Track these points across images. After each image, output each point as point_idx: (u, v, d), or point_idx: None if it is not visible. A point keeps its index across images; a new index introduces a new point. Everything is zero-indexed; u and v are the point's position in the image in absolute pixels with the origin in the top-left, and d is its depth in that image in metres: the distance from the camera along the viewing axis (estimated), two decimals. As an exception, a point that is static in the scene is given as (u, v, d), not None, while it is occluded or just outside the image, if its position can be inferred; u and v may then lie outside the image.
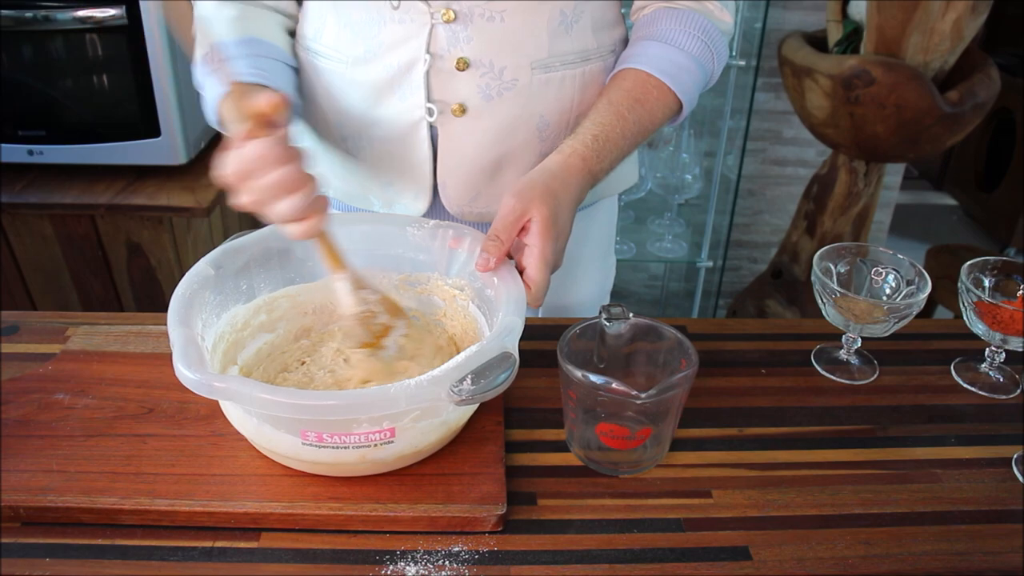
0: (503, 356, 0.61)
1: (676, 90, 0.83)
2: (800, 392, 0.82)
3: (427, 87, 0.82)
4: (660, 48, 0.83)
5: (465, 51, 0.81)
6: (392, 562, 0.62)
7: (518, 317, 0.67)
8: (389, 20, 0.81)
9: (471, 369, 0.60)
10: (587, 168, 0.78)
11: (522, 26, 0.81)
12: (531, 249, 0.72)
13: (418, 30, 0.80)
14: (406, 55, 0.82)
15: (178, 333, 0.64)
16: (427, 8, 0.79)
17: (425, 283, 0.82)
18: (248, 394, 0.58)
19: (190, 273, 0.72)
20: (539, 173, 0.76)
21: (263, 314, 0.78)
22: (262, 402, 0.58)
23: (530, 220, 0.72)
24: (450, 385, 0.59)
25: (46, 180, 1.63)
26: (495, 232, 0.72)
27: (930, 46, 1.58)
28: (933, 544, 0.65)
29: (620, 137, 0.80)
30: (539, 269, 0.72)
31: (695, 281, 2.23)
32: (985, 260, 0.84)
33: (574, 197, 0.76)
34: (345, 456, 0.64)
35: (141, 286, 1.68)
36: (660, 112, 0.83)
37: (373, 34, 0.82)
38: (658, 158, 2.01)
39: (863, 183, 1.80)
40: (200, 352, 0.63)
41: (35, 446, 0.70)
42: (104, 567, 0.61)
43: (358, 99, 0.86)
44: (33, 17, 1.46)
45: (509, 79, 0.82)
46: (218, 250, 0.75)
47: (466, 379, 0.59)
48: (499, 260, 0.72)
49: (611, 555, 0.63)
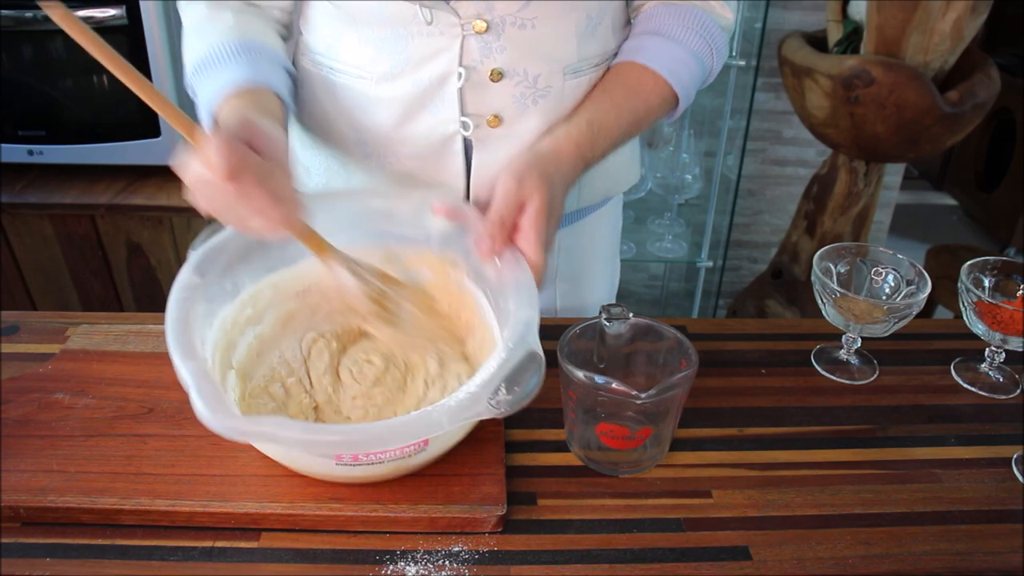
0: (530, 357, 0.61)
1: (672, 83, 0.83)
2: (800, 392, 0.82)
3: (461, 101, 0.81)
4: (658, 42, 0.83)
5: (498, 61, 0.80)
6: (392, 562, 0.62)
7: (533, 309, 0.65)
8: (417, 34, 0.79)
9: (503, 377, 0.59)
10: (579, 153, 0.78)
11: (553, 32, 0.80)
12: (527, 232, 0.71)
13: (449, 43, 0.79)
14: (437, 69, 0.80)
15: (188, 369, 0.59)
16: (458, 20, 0.77)
17: (412, 255, 0.80)
18: (286, 436, 0.57)
19: (177, 287, 0.67)
20: (532, 155, 0.75)
21: (248, 308, 0.76)
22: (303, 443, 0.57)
23: (527, 202, 0.71)
24: (487, 399, 0.58)
25: (46, 180, 1.63)
26: (499, 216, 0.70)
27: (930, 46, 1.58)
28: (933, 544, 0.65)
29: (614, 125, 0.80)
30: (538, 252, 0.70)
31: (695, 281, 2.23)
32: (985, 260, 0.84)
33: (567, 180, 0.76)
34: (379, 470, 0.64)
35: (141, 286, 1.68)
36: (656, 104, 0.83)
37: (399, 49, 0.80)
38: (658, 158, 2.01)
39: (863, 183, 1.80)
40: (215, 388, 0.59)
41: (35, 446, 0.70)
42: (104, 567, 0.61)
43: (386, 116, 0.84)
44: (33, 17, 1.46)
45: (543, 86, 0.82)
46: (199, 253, 0.71)
47: (500, 390, 0.59)
48: (504, 245, 0.71)
49: (611, 555, 0.63)
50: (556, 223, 0.74)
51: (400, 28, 0.79)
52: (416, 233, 0.79)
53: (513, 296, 0.67)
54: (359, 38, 0.82)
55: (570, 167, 0.77)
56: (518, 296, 0.67)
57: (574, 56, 0.82)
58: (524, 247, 0.71)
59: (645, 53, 0.83)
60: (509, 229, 0.71)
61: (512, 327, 0.64)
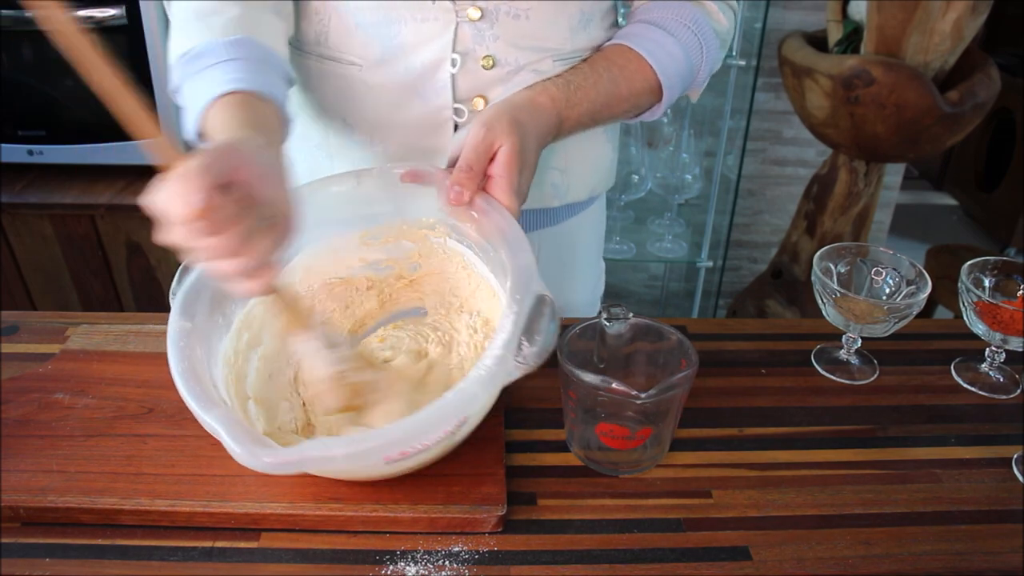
0: (539, 302, 0.60)
1: (656, 69, 0.82)
2: (800, 392, 0.82)
3: (453, 87, 0.81)
4: (648, 29, 0.84)
5: (491, 49, 0.80)
6: (392, 562, 0.62)
7: (527, 253, 0.64)
8: (410, 20, 0.78)
9: (521, 330, 0.59)
10: (555, 108, 0.76)
11: (546, 24, 0.80)
12: (499, 180, 0.69)
13: (442, 29, 0.78)
14: (430, 55, 0.80)
15: (213, 417, 0.56)
16: (452, 6, 0.77)
17: (388, 232, 0.79)
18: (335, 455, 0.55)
19: (172, 337, 0.63)
20: (505, 104, 0.74)
21: (245, 333, 0.73)
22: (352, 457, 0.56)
23: (498, 150, 0.70)
24: (513, 358, 0.58)
25: (46, 180, 1.63)
26: (467, 163, 0.68)
27: (930, 46, 1.58)
28: (933, 544, 0.65)
29: (592, 88, 0.79)
30: (511, 198, 0.69)
31: (695, 281, 2.23)
32: (985, 260, 0.84)
33: (540, 132, 0.74)
34: (427, 456, 0.64)
35: (141, 286, 1.68)
36: (638, 86, 0.82)
37: (391, 35, 0.79)
38: (658, 158, 2.01)
39: (863, 183, 1.80)
40: (247, 428, 0.57)
41: (35, 446, 0.70)
42: (104, 567, 0.61)
43: (376, 102, 0.83)
44: (33, 17, 1.46)
45: (532, 72, 0.82)
46: (179, 299, 0.66)
47: (522, 344, 0.58)
48: (474, 192, 0.69)
49: (611, 555, 0.63)
50: (530, 172, 0.73)
51: (392, 13, 0.78)
52: (387, 208, 0.78)
53: (503, 245, 0.66)
54: (350, 23, 0.81)
55: (545, 118, 0.75)
56: (508, 244, 0.66)
57: (566, 47, 0.83)
58: (496, 193, 0.69)
59: (634, 38, 0.83)
60: (479, 176, 0.69)
61: (513, 277, 0.63)
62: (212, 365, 0.66)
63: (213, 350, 0.67)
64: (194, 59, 0.70)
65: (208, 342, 0.67)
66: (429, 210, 0.76)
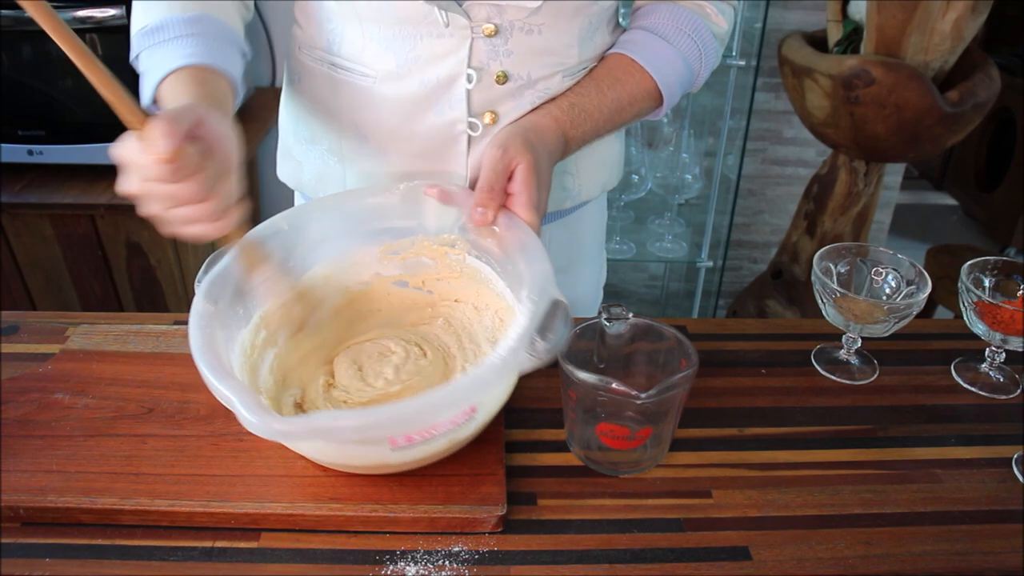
0: (555, 305, 0.63)
1: (657, 79, 0.84)
2: (800, 392, 0.82)
3: (468, 102, 0.82)
4: (648, 38, 0.85)
5: (505, 64, 0.81)
6: (392, 562, 0.62)
7: (545, 262, 0.67)
8: (426, 35, 0.79)
9: (535, 327, 0.61)
10: (560, 129, 0.80)
11: (557, 37, 0.81)
12: (519, 196, 0.73)
13: (458, 45, 0.79)
14: (445, 70, 0.80)
15: (227, 387, 0.58)
16: (468, 23, 0.78)
17: (409, 247, 0.81)
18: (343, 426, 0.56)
19: (195, 316, 0.65)
20: (514, 127, 0.78)
21: (263, 330, 0.75)
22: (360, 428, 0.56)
23: (515, 168, 0.73)
24: (526, 351, 0.60)
25: (46, 180, 1.63)
26: (487, 183, 0.72)
27: (930, 46, 1.58)
28: (933, 544, 0.65)
29: (596, 109, 0.82)
30: (531, 213, 0.72)
31: (695, 281, 2.22)
32: (985, 260, 0.84)
33: (550, 150, 0.78)
34: (434, 447, 0.64)
35: (141, 286, 1.68)
36: (640, 96, 0.84)
37: (407, 48, 0.80)
38: (658, 158, 2.01)
39: (863, 183, 1.80)
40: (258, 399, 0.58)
41: (35, 446, 0.70)
42: (104, 567, 0.61)
43: (389, 114, 0.84)
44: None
45: (542, 88, 0.83)
46: (206, 282, 0.69)
47: (535, 340, 0.61)
48: (497, 211, 0.72)
49: (611, 555, 0.63)
50: (546, 189, 0.76)
51: (409, 27, 0.79)
52: (409, 224, 0.80)
53: (521, 256, 0.69)
54: (364, 36, 0.81)
55: (552, 139, 0.79)
56: (526, 254, 0.69)
57: (575, 59, 0.84)
58: (517, 210, 0.73)
59: (635, 47, 0.85)
60: (500, 195, 0.72)
61: (531, 282, 0.66)
62: (230, 350, 0.68)
63: (232, 337, 0.70)
64: (153, 32, 0.75)
65: (228, 328, 0.69)
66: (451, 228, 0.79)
